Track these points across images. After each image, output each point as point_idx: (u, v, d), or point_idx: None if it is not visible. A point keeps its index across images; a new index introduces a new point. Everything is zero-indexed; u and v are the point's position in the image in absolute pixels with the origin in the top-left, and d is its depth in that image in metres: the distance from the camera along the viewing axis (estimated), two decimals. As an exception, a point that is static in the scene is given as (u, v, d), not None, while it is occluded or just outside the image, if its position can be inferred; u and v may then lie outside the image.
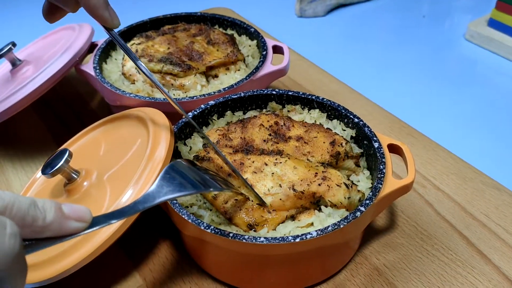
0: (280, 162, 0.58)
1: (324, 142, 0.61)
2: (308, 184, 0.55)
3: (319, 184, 0.55)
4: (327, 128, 0.64)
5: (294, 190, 0.55)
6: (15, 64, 0.83)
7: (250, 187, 0.55)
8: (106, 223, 0.38)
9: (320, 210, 0.56)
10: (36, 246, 0.34)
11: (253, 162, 0.58)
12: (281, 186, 0.55)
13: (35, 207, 0.33)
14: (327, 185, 0.55)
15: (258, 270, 0.56)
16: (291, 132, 0.63)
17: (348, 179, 0.59)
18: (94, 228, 0.37)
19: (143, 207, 0.41)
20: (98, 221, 0.37)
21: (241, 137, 0.63)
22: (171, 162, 0.47)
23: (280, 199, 0.55)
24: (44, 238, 0.34)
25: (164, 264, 0.63)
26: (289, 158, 0.58)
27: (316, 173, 0.56)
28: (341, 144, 0.61)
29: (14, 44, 0.82)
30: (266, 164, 0.58)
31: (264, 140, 0.62)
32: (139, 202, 0.41)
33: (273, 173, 0.57)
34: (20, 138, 0.88)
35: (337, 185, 0.55)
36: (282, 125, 0.64)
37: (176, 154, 0.63)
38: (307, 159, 0.60)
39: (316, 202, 0.56)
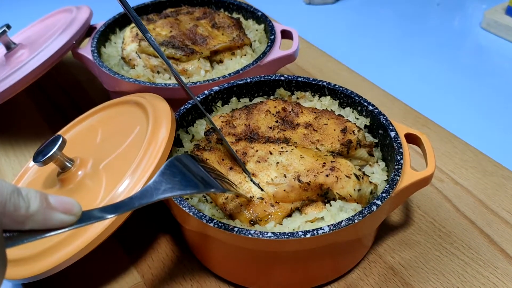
0: (286, 151, 0.53)
1: (334, 130, 0.57)
2: (315, 175, 0.51)
3: (327, 175, 0.51)
4: (339, 115, 0.60)
5: (299, 181, 0.51)
6: (10, 47, 0.79)
7: (250, 177, 0.51)
8: (97, 218, 0.35)
9: (327, 202, 0.51)
10: (18, 239, 0.31)
11: (256, 151, 0.54)
12: (285, 176, 0.51)
13: (18, 194, 0.31)
14: (336, 176, 0.51)
15: (264, 267, 0.53)
16: (300, 119, 0.59)
17: (360, 170, 0.54)
18: (84, 224, 0.35)
19: (139, 203, 0.38)
20: (88, 215, 0.35)
21: (245, 124, 0.58)
22: (172, 157, 0.43)
23: (284, 190, 0.51)
24: (27, 230, 0.32)
25: (164, 260, 0.59)
26: (296, 146, 0.54)
27: (325, 163, 0.52)
28: (353, 132, 0.57)
29: (8, 27, 0.78)
30: (271, 153, 0.53)
31: (270, 127, 0.58)
32: (136, 197, 0.38)
33: (277, 163, 0.52)
34: (14, 125, 0.84)
35: (347, 176, 0.51)
36: (290, 111, 0.60)
37: (177, 142, 0.59)
38: (316, 148, 0.55)
39: (323, 195, 0.52)
